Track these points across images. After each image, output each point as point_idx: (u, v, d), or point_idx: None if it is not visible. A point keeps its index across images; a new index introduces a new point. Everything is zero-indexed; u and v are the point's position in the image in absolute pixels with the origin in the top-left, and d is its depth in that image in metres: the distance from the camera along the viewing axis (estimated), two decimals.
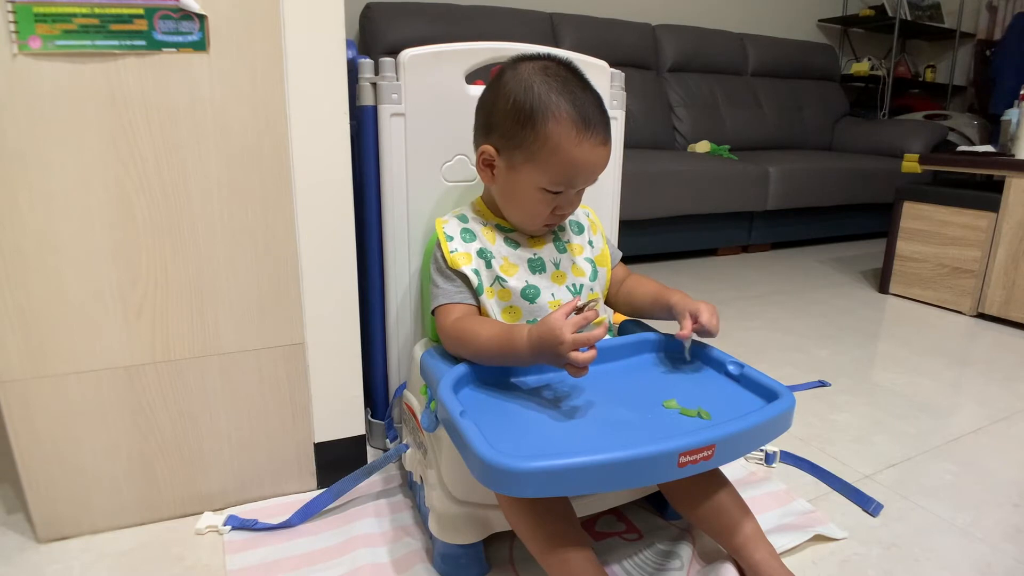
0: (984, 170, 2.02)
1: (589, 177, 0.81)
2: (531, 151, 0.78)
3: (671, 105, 3.11)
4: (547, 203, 0.81)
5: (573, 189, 0.81)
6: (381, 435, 1.09)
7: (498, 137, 0.81)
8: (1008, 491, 1.04)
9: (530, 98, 0.77)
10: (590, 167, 0.79)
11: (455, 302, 0.82)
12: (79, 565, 0.83)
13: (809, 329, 1.82)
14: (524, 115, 0.78)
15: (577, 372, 0.70)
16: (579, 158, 0.77)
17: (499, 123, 0.81)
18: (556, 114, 0.77)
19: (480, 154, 0.83)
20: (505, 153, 0.81)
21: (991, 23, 3.98)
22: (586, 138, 0.77)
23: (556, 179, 0.79)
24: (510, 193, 0.83)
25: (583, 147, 0.77)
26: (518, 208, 0.84)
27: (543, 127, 0.77)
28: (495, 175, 0.83)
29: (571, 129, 0.76)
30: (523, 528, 0.73)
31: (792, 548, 0.87)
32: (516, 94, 0.78)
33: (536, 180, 0.79)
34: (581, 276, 0.87)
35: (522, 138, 0.78)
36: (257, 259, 0.89)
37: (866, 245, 3.04)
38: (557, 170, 0.78)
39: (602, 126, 0.79)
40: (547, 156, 0.77)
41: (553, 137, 0.77)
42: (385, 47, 2.45)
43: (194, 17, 0.79)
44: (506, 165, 0.81)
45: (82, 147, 0.77)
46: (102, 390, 0.85)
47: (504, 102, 0.79)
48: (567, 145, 0.77)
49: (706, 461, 0.65)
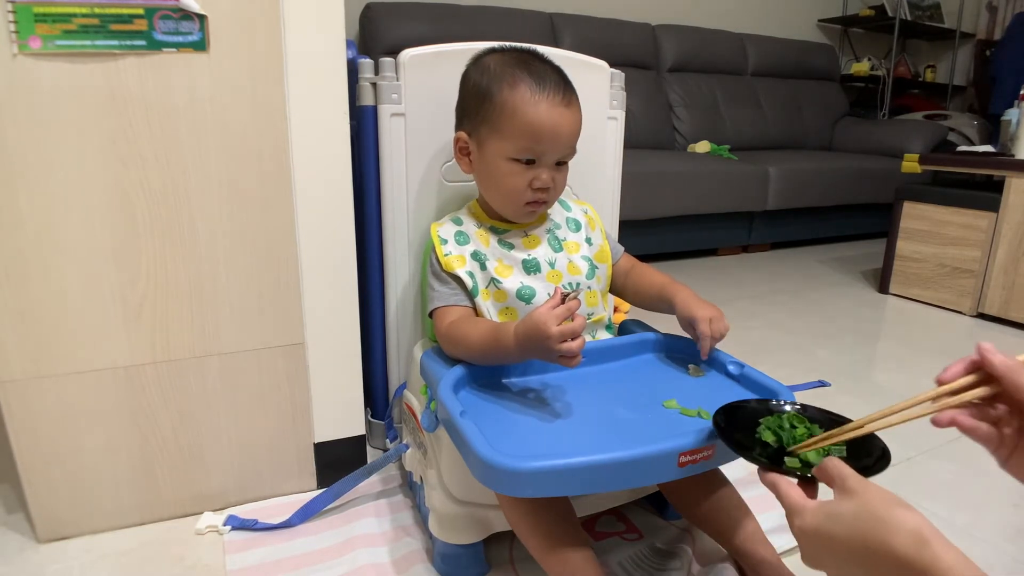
0: (984, 170, 2.02)
1: (554, 139, 0.80)
2: (493, 122, 0.80)
3: (671, 105, 3.11)
4: (521, 176, 0.81)
5: (544, 157, 0.81)
6: (381, 435, 1.09)
7: (467, 122, 0.85)
8: (1008, 491, 1.04)
9: (487, 76, 0.82)
10: (551, 126, 0.79)
11: (450, 305, 0.83)
12: (79, 565, 0.83)
13: (809, 329, 1.82)
14: (483, 91, 0.81)
15: (570, 362, 0.69)
16: (538, 118, 0.78)
17: (465, 108, 0.85)
18: (510, 81, 0.80)
19: (456, 142, 0.86)
20: (474, 134, 0.84)
21: (991, 23, 3.98)
22: (543, 98, 0.79)
23: (520, 143, 0.79)
24: (486, 174, 0.84)
25: (540, 106, 0.78)
26: (496, 189, 0.84)
27: (499, 95, 0.80)
28: (471, 161, 0.86)
29: (525, 91, 0.79)
30: (523, 528, 0.73)
31: (792, 548, 0.87)
32: (476, 78, 0.83)
33: (503, 150, 0.81)
34: (577, 274, 0.87)
35: (484, 112, 0.81)
36: (257, 259, 0.89)
37: (866, 245, 3.04)
38: (519, 133, 0.79)
39: (559, 88, 0.80)
40: (507, 121, 0.79)
41: (510, 101, 0.79)
42: (385, 47, 2.44)
43: (194, 17, 0.79)
44: (477, 145, 0.84)
45: (82, 147, 0.77)
46: (102, 390, 0.85)
47: (467, 88, 0.85)
48: (524, 106, 0.78)
49: (706, 461, 0.65)
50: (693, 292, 0.86)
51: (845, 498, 0.47)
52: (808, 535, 0.49)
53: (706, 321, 0.80)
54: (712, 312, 0.81)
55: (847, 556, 0.46)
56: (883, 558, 0.43)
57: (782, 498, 0.53)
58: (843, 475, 0.49)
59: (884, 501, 0.45)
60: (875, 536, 0.44)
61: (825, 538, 0.47)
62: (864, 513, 0.45)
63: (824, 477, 0.51)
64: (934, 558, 0.41)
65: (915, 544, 0.42)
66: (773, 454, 0.58)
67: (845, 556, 0.46)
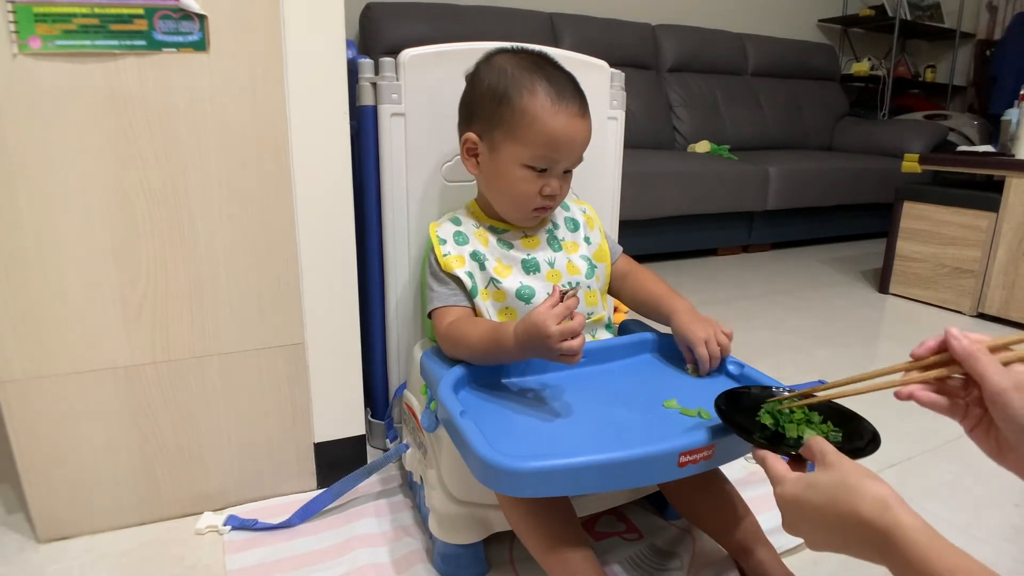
0: (984, 170, 2.02)
1: (570, 150, 0.81)
2: (510, 127, 0.80)
3: (671, 105, 3.11)
4: (532, 183, 0.81)
5: (556, 165, 0.81)
6: (381, 435, 1.09)
7: (478, 123, 0.83)
8: (1008, 491, 1.04)
9: (504, 79, 0.80)
10: (568, 138, 0.79)
11: (449, 305, 0.83)
12: (79, 565, 0.83)
13: (809, 329, 1.82)
14: (499, 94, 0.80)
15: (570, 360, 0.69)
16: (556, 128, 0.78)
17: (477, 109, 0.83)
18: (530, 88, 0.79)
19: (463, 143, 0.85)
20: (486, 137, 0.82)
21: (991, 23, 3.98)
22: (561, 108, 0.79)
23: (537, 152, 0.79)
24: (495, 178, 0.84)
25: (559, 117, 0.78)
26: (505, 193, 0.84)
27: (519, 101, 0.79)
28: (479, 163, 0.85)
29: (546, 100, 0.78)
30: (523, 528, 0.73)
31: (792, 548, 0.87)
32: (490, 79, 0.82)
33: (518, 156, 0.80)
34: (577, 274, 0.87)
35: (500, 116, 0.80)
36: (257, 259, 0.89)
37: (866, 245, 3.04)
38: (537, 142, 0.79)
39: (576, 99, 0.80)
40: (525, 129, 0.79)
41: (530, 109, 0.78)
42: (385, 47, 2.44)
43: (194, 17, 0.79)
44: (488, 148, 0.83)
45: (82, 147, 0.77)
46: (102, 390, 0.85)
47: (481, 89, 0.82)
48: (544, 116, 0.78)
49: (706, 461, 0.65)
50: (691, 307, 0.84)
51: (823, 470, 0.53)
52: (788, 502, 0.54)
53: (702, 344, 0.80)
54: (709, 332, 0.80)
55: (821, 521, 0.51)
56: (851, 522, 0.49)
57: (768, 470, 0.58)
58: (824, 451, 0.54)
59: (856, 473, 0.50)
60: (845, 502, 0.49)
61: (803, 505, 0.53)
62: (837, 482, 0.51)
63: (808, 454, 0.57)
64: (895, 520, 0.46)
65: (879, 509, 0.47)
66: (771, 436, 0.62)
67: (820, 521, 0.52)
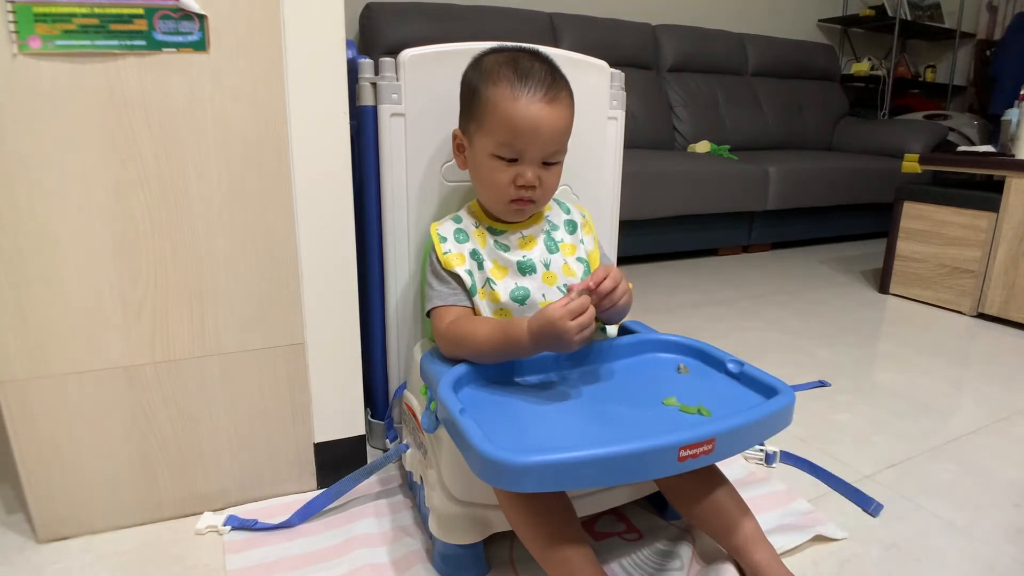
0: (984, 170, 2.02)
1: (533, 136, 0.79)
2: (479, 118, 0.82)
3: (671, 105, 3.11)
4: (503, 172, 0.82)
5: (524, 154, 0.81)
6: (381, 435, 1.09)
7: (461, 119, 0.87)
8: (1008, 491, 1.04)
9: (478, 74, 0.83)
10: (530, 124, 0.79)
11: (449, 304, 0.83)
12: (79, 565, 0.83)
13: (809, 329, 1.82)
14: (472, 88, 0.83)
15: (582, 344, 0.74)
16: (515, 114, 0.79)
17: (461, 106, 0.87)
18: (495, 78, 0.81)
19: (453, 139, 0.88)
20: (466, 131, 0.85)
21: (991, 23, 3.98)
22: (522, 94, 0.79)
23: (500, 139, 0.80)
24: (475, 171, 0.86)
25: (519, 102, 0.79)
26: (483, 185, 0.86)
27: (484, 91, 0.81)
28: (466, 158, 0.87)
29: (507, 87, 0.79)
30: (522, 527, 0.73)
31: (792, 548, 0.87)
32: (469, 75, 0.85)
33: (486, 146, 0.82)
34: (572, 276, 0.87)
35: (472, 109, 0.83)
36: (257, 259, 0.89)
37: (866, 245, 3.04)
38: (499, 130, 0.80)
39: (542, 85, 0.80)
40: (489, 118, 0.80)
41: (492, 98, 0.80)
42: (385, 47, 2.45)
43: (194, 17, 0.79)
44: (468, 142, 0.85)
45: (82, 147, 0.77)
46: (102, 390, 0.85)
47: (463, 86, 0.86)
48: (504, 103, 0.79)
49: (706, 455, 0.65)
50: None
51: None
52: None
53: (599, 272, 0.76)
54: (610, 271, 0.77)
55: None
56: None
57: None
58: None
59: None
60: None
61: None
62: None
63: None
64: None
65: None
66: None
67: None
